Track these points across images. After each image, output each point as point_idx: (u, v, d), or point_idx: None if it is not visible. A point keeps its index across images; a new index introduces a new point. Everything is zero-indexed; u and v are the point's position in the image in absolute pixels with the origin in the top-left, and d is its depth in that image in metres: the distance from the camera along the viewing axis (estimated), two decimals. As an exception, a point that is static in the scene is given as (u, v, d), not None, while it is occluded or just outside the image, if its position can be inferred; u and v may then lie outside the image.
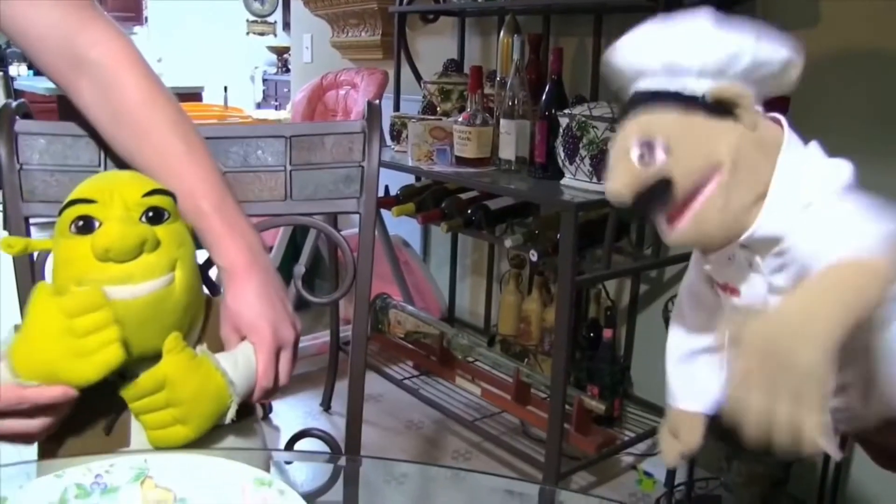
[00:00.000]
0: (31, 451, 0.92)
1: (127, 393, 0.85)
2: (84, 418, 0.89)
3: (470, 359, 2.64)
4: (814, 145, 0.82)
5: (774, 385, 0.68)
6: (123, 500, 0.75)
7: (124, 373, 0.86)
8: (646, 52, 0.81)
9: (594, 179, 2.05)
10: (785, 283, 0.83)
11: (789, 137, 0.81)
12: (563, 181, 2.14)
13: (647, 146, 0.79)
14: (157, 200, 0.88)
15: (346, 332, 2.96)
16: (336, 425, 2.92)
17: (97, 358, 0.80)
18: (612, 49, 0.84)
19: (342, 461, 1.06)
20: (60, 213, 0.87)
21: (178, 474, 0.77)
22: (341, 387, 2.96)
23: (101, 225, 0.84)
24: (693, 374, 1.00)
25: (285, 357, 0.99)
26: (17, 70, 7.20)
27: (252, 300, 0.96)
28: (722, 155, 0.78)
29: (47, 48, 1.02)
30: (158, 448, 0.86)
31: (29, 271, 1.17)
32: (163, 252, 0.86)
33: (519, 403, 2.39)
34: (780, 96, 0.87)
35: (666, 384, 1.04)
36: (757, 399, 0.69)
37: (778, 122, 0.83)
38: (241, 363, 0.92)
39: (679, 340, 1.02)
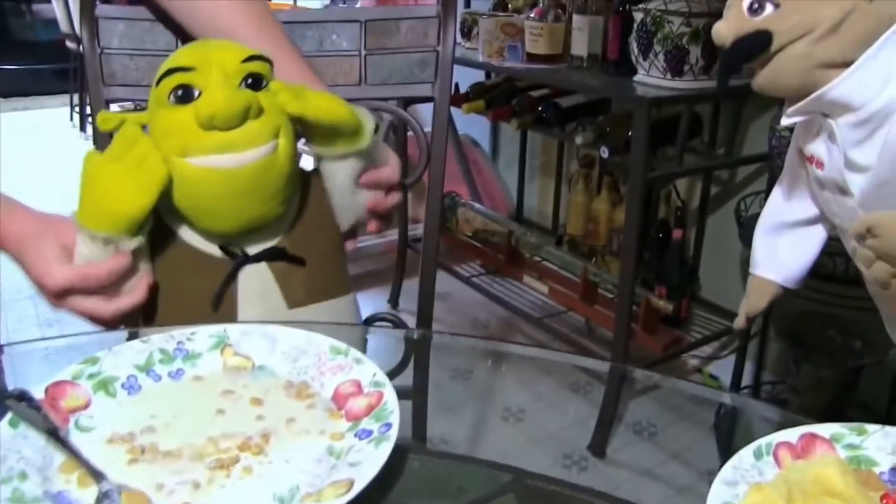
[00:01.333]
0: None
1: None
2: (189, 295, 0.91)
3: (537, 258, 2.65)
4: None
5: None
6: (204, 366, 0.77)
7: (229, 247, 0.89)
8: None
9: (668, 76, 2.01)
10: (865, 160, 0.85)
11: None
12: (637, 77, 2.10)
13: None
14: (256, 66, 0.87)
15: (413, 230, 2.98)
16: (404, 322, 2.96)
17: (143, 180, 0.82)
18: None
19: (416, 334, 1.08)
20: (157, 83, 0.86)
21: (256, 343, 0.79)
22: (409, 285, 3.00)
23: (201, 93, 0.83)
24: (777, 246, 1.06)
25: None
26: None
27: None
28: (828, 18, 0.81)
29: None
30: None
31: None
32: (267, 119, 0.85)
33: (586, 302, 2.40)
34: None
35: (751, 253, 1.09)
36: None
37: None
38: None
39: (773, 210, 1.07)
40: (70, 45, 5.22)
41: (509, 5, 2.70)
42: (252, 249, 0.91)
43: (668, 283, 2.39)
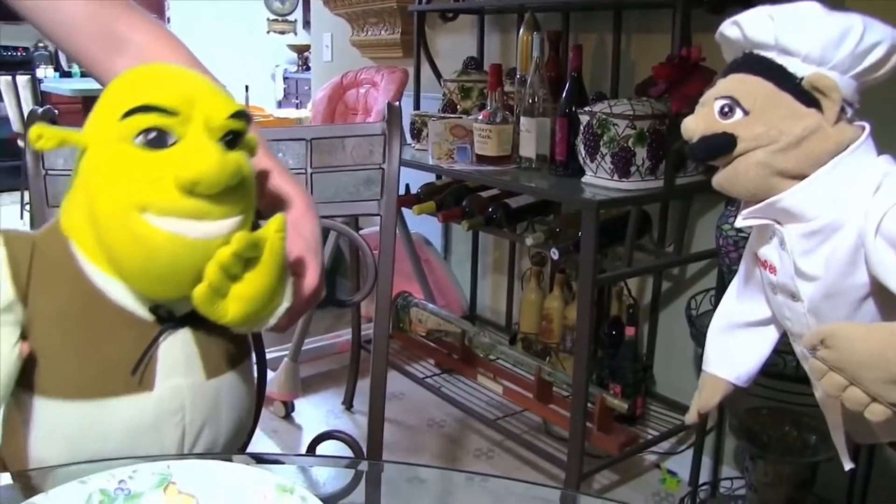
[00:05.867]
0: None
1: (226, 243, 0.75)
2: (110, 354, 0.82)
3: (491, 357, 2.64)
4: (885, 157, 0.88)
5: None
6: (148, 506, 0.74)
7: (160, 310, 0.81)
8: (764, 28, 0.88)
9: (615, 177, 2.04)
10: (813, 270, 0.89)
11: (863, 142, 0.87)
12: (584, 179, 2.13)
13: (732, 102, 0.88)
14: (239, 125, 0.76)
15: (367, 330, 2.96)
16: (359, 424, 2.92)
17: None
18: (729, 22, 0.92)
19: (364, 465, 1.06)
20: (124, 116, 0.73)
21: (200, 481, 0.77)
22: (363, 385, 2.97)
23: (176, 142, 0.73)
24: (730, 345, 1.08)
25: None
26: (44, 72, 7.28)
27: (314, 227, 0.95)
28: (791, 133, 0.85)
29: (84, 31, 1.00)
30: (204, 312, 0.78)
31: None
32: (242, 188, 0.76)
33: (541, 402, 2.39)
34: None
35: (704, 349, 1.10)
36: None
37: (862, 128, 0.89)
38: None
39: (726, 310, 1.09)
40: (21, 143, 5.20)
41: (458, 107, 2.74)
42: (179, 311, 0.82)
43: (623, 381, 2.39)
